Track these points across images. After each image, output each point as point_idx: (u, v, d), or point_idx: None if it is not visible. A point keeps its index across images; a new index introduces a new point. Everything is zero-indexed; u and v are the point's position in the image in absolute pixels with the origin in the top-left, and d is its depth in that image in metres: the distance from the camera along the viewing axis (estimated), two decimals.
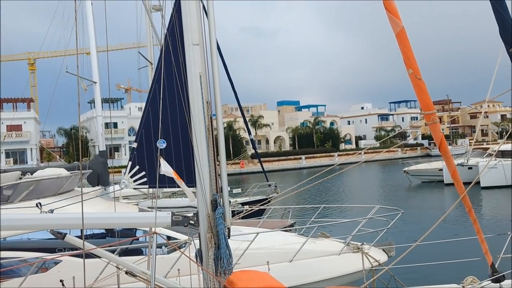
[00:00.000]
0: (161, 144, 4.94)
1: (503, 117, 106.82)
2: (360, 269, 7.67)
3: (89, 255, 4.79)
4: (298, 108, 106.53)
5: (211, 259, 4.62)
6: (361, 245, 8.24)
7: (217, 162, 4.90)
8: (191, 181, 4.96)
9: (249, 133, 15.91)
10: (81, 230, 4.95)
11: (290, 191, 9.60)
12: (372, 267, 7.84)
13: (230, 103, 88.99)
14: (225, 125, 73.95)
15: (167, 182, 5.00)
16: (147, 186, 5.44)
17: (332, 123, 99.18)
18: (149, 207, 11.31)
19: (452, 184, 6.78)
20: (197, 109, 4.64)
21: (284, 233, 9.34)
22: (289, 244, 7.85)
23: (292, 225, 11.55)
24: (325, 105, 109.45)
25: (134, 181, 5.25)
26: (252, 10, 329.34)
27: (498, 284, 6.42)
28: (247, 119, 70.26)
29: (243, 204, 16.28)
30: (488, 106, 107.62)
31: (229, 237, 4.70)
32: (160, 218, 4.30)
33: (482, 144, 77.82)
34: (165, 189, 18.43)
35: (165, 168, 4.58)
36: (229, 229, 4.70)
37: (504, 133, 72.30)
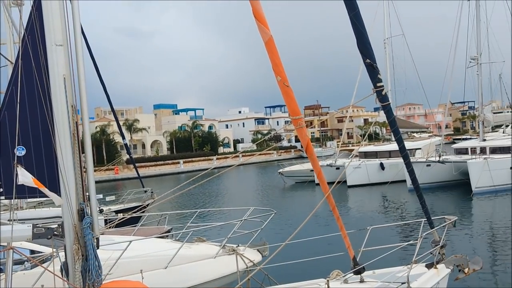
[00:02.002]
0: (20, 152, 4.56)
1: (365, 121, 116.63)
2: (235, 271, 7.81)
3: None
4: (176, 111, 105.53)
5: (78, 271, 4.38)
6: (236, 247, 8.39)
7: (84, 169, 4.65)
8: (55, 191, 4.64)
9: (123, 138, 15.41)
10: None
11: (167, 196, 9.47)
12: (247, 267, 8.03)
13: (103, 106, 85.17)
14: (98, 129, 70.52)
15: (28, 192, 4.63)
16: (3, 197, 4.96)
17: (210, 127, 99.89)
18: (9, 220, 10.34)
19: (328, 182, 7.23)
20: (61, 113, 4.36)
21: (160, 240, 9.17)
22: (164, 250, 7.72)
23: (168, 231, 11.39)
24: (203, 109, 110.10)
25: None
26: (127, 10, 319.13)
27: (359, 275, 6.99)
28: (122, 123, 67.98)
29: (117, 212, 15.66)
30: (353, 111, 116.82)
31: (98, 248, 4.49)
32: (18, 232, 3.95)
33: (348, 146, 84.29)
34: (30, 200, 17.01)
35: (23, 178, 4.22)
36: (98, 239, 4.50)
37: (366, 135, 78.95)
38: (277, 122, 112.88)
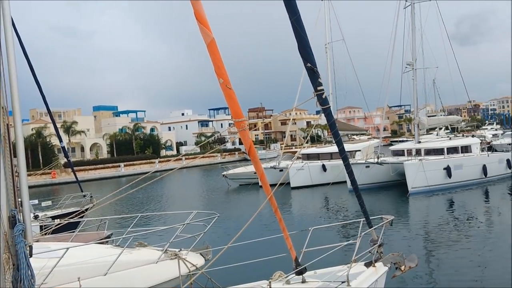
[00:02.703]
0: None
1: (308, 123, 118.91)
2: (177, 275, 7.70)
3: None
4: (116, 113, 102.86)
5: (9, 282, 4.15)
6: (178, 251, 8.27)
7: (16, 174, 4.43)
8: None
9: (60, 140, 14.83)
10: None
11: (107, 200, 9.20)
12: (189, 272, 7.93)
13: (39, 108, 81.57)
14: (33, 131, 67.52)
15: None
16: None
17: (152, 129, 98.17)
18: None
19: (271, 184, 7.30)
20: None
21: (99, 246, 8.87)
22: (104, 256, 7.47)
23: (108, 237, 11.07)
24: (145, 111, 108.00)
25: None
26: (65, 9, 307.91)
27: (301, 275, 7.09)
28: (60, 125, 65.39)
29: (53, 217, 15.03)
30: (296, 113, 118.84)
31: (31, 256, 4.28)
32: None
33: (291, 148, 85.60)
34: None
35: None
36: (31, 247, 4.29)
37: (309, 137, 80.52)
38: (221, 124, 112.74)
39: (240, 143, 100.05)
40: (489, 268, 12.48)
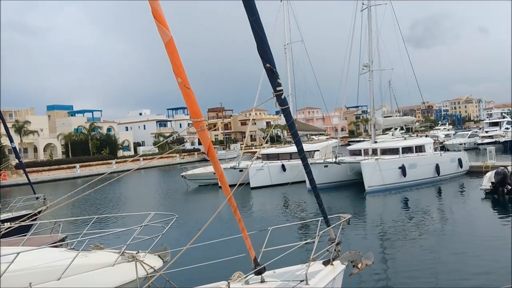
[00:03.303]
0: None
1: (268, 123, 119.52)
2: (135, 278, 7.55)
3: None
4: (72, 113, 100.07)
5: None
6: (136, 253, 8.12)
7: None
8: None
9: (11, 141, 14.23)
10: None
11: (61, 202, 8.92)
12: (147, 274, 7.80)
13: None
14: None
15: None
16: None
17: (109, 129, 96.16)
18: None
19: (231, 185, 7.27)
20: None
21: (53, 249, 8.57)
22: (58, 260, 7.24)
23: (63, 240, 10.73)
24: (101, 111, 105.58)
25: None
26: (16, 4, 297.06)
27: (260, 275, 7.11)
28: (11, 124, 63.04)
29: (3, 221, 14.43)
30: (256, 114, 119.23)
31: None
32: None
33: (251, 148, 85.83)
34: None
35: None
36: None
37: (268, 138, 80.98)
38: (180, 124, 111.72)
39: (200, 143, 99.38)
40: (442, 264, 12.90)
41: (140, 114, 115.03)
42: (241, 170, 33.99)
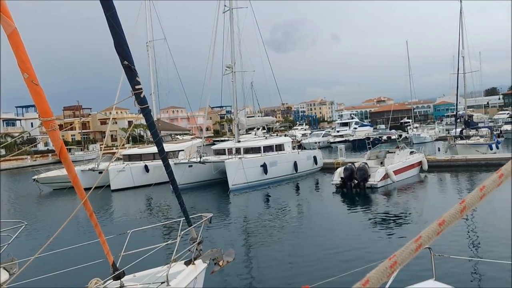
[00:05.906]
0: None
1: (130, 123, 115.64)
2: None
3: None
4: None
5: None
6: None
7: None
8: None
9: None
10: None
11: None
12: None
13: None
14: None
15: None
16: None
17: None
18: None
19: (89, 188, 6.86)
20: None
21: None
22: None
23: None
24: None
25: None
26: None
27: (119, 280, 6.86)
28: None
29: None
30: (117, 112, 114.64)
31: None
32: None
33: (112, 149, 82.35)
34: None
35: None
36: None
37: (130, 138, 78.54)
38: (32, 123, 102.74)
39: None
40: (301, 256, 13.73)
41: None
42: (100, 172, 32.37)
